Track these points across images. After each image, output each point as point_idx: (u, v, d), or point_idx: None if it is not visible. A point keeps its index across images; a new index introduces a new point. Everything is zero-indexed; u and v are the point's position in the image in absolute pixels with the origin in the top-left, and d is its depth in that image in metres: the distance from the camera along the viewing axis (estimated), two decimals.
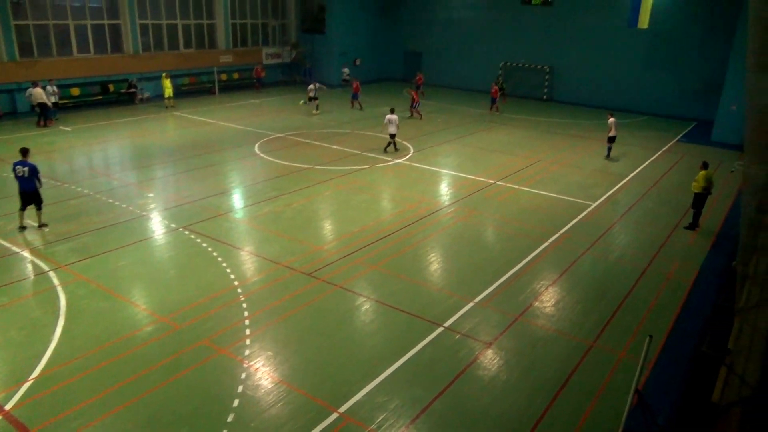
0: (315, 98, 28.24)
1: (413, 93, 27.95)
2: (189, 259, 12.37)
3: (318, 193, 16.85)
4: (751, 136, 7.69)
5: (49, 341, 9.43)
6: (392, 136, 21.25)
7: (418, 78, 34.62)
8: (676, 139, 25.78)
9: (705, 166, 14.90)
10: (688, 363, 9.34)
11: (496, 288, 11.57)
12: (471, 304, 10.89)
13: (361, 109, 29.47)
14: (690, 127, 28.62)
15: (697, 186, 14.80)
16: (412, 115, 27.88)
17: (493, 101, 30.02)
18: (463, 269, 12.40)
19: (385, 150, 21.40)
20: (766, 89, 7.10)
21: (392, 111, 21.56)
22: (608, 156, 21.71)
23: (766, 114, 7.21)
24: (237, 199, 16.35)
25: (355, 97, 29.68)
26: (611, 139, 21.55)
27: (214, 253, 12.61)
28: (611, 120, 21.42)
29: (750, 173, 7.90)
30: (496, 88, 30.52)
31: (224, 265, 12.10)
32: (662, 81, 31.02)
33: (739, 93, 24.63)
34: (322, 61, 38.24)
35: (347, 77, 35.83)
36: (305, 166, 19.44)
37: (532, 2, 33.85)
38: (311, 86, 28.49)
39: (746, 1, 24.04)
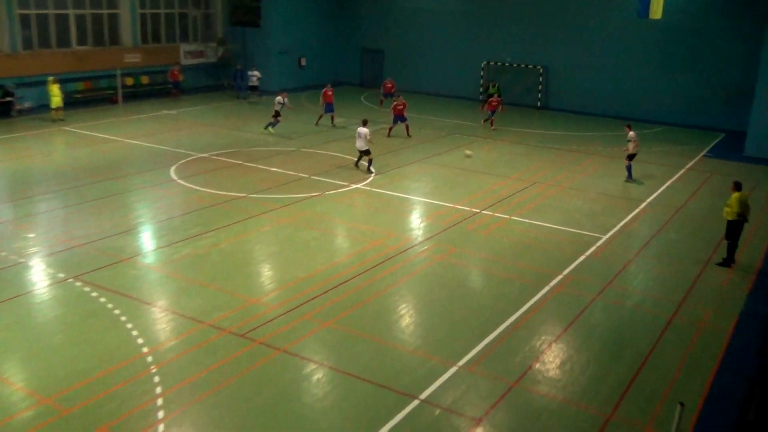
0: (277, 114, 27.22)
1: (401, 101, 27.42)
2: (82, 319, 12.00)
3: (253, 230, 16.68)
4: None
5: None
6: (362, 152, 21.93)
7: (388, 84, 33.99)
8: (701, 155, 26.58)
9: (738, 187, 15.32)
10: None
11: (485, 347, 11.51)
12: (454, 369, 10.80)
13: (333, 124, 29.27)
14: (717, 140, 29.60)
15: (729, 212, 15.18)
16: (407, 133, 27.57)
17: (492, 113, 29.72)
18: (443, 324, 12.33)
19: (367, 169, 22.05)
20: None
21: (364, 123, 22.07)
22: (630, 177, 22.20)
23: None
24: (146, 239, 16.05)
25: (329, 109, 29.11)
26: (631, 157, 22.08)
27: (116, 311, 12.27)
28: (631, 134, 21.92)
29: None
30: (497, 98, 30.30)
31: (129, 326, 11.77)
32: (681, 83, 32.12)
33: None
34: (256, 60, 38.25)
35: (256, 83, 34.75)
36: (237, 194, 19.27)
37: None
38: (279, 98, 27.22)
39: None
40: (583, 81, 34.56)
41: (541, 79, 35.51)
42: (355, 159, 22.46)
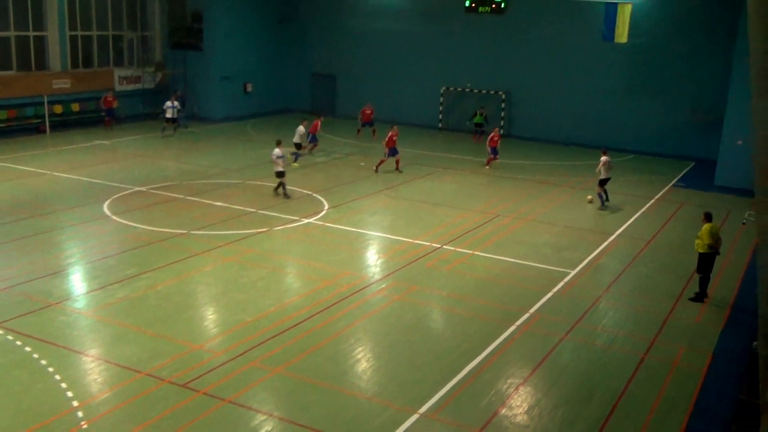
0: (300, 146, 27.84)
1: (393, 134, 26.67)
2: (5, 371, 11.74)
3: (195, 269, 16.57)
4: (763, 178, 8.24)
5: None
6: (277, 174, 22.73)
7: (367, 111, 33.61)
8: (671, 184, 27.31)
9: (708, 218, 15.80)
10: None
11: (449, 392, 11.56)
12: (414, 417, 10.81)
13: (308, 151, 29.38)
14: (687, 168, 30.46)
15: (701, 244, 15.61)
16: (397, 167, 27.24)
17: (494, 152, 28.32)
18: (403, 368, 12.36)
19: (275, 190, 23.06)
20: None
21: (278, 143, 22.77)
22: (602, 204, 23.15)
23: None
24: (77, 282, 15.84)
25: (313, 139, 29.24)
26: (602, 183, 22.89)
27: (43, 361, 12.04)
28: (602, 159, 22.81)
29: (765, 225, 8.42)
30: (497, 133, 28.56)
31: (57, 377, 11.55)
32: (649, 109, 33.06)
33: (746, 124, 26.50)
34: (198, 86, 38.30)
35: (172, 115, 32.49)
36: (177, 231, 19.14)
37: (479, 9, 35.61)
38: (300, 127, 27.65)
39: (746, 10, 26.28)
40: (547, 107, 35.30)
41: (503, 105, 36.19)
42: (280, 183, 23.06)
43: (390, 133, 26.87)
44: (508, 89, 36.11)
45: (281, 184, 22.85)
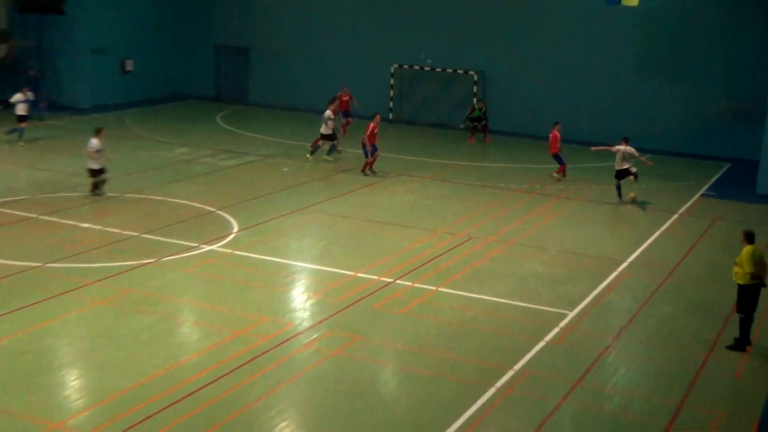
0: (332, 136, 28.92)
1: (374, 125, 27.59)
2: None
3: (53, 317, 16.26)
4: None
5: None
6: (92, 173, 23.81)
7: (345, 97, 34.01)
8: (699, 194, 27.76)
9: (750, 238, 15.93)
10: None
11: None
12: None
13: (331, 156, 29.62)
14: (720, 172, 31.07)
15: (741, 273, 15.74)
16: (365, 170, 27.91)
17: (560, 160, 28.78)
18: None
19: (91, 192, 24.29)
20: None
21: (97, 132, 23.83)
22: (620, 198, 24.98)
23: None
24: None
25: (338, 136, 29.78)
26: (619, 175, 24.65)
27: None
28: (617, 147, 24.74)
29: None
30: (556, 133, 28.74)
31: None
32: (669, 96, 33.67)
33: None
34: (58, 63, 37.81)
35: (25, 112, 30.77)
36: (28, 264, 18.80)
37: None
38: (328, 112, 28.80)
39: None
40: (532, 93, 35.72)
41: (475, 89, 36.40)
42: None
43: (371, 125, 27.52)
44: (481, 69, 36.44)
45: (97, 184, 23.90)
